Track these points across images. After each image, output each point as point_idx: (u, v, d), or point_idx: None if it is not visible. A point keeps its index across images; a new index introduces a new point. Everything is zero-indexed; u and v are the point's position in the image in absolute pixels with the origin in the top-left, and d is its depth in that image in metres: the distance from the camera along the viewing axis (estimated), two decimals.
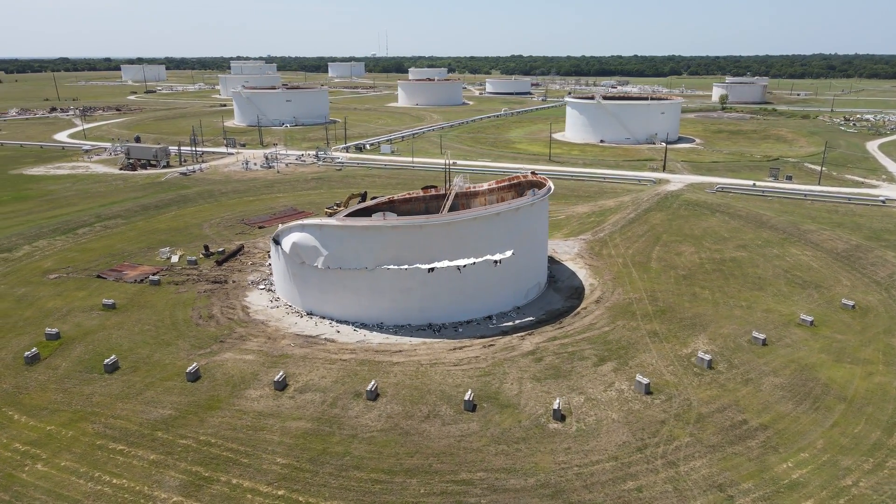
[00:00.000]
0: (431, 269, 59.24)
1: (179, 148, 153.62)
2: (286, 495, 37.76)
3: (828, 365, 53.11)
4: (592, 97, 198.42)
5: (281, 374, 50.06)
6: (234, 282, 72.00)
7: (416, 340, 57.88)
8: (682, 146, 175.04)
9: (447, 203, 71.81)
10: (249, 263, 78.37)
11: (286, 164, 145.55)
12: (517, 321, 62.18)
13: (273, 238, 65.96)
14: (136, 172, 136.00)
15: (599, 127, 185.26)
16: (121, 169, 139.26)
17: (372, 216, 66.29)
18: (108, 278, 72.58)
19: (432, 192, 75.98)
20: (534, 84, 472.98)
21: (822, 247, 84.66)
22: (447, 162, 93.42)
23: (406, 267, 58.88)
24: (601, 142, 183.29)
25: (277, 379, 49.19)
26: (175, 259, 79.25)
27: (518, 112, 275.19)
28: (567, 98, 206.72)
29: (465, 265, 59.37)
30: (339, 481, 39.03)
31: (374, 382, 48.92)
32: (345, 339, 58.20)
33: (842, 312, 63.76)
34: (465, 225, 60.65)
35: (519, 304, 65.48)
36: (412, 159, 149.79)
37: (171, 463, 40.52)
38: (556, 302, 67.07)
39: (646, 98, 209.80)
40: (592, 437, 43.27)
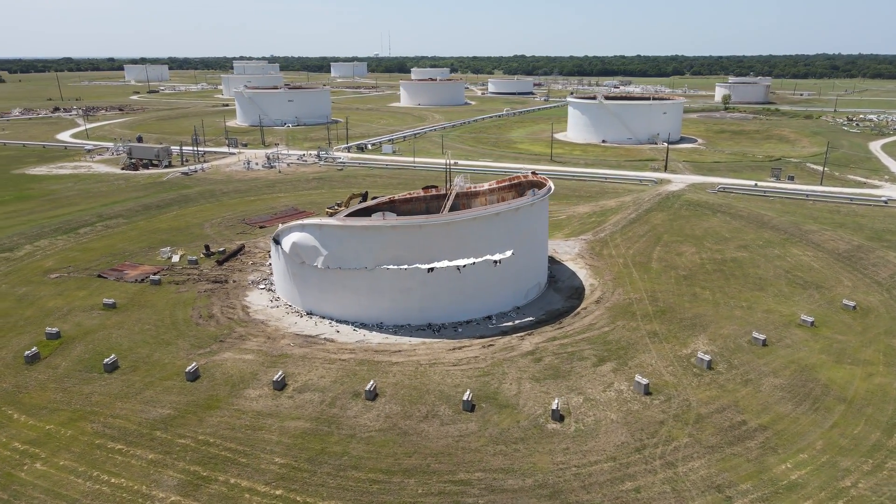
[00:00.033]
0: (431, 269, 59.23)
1: (181, 148, 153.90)
2: (284, 495, 37.78)
3: (828, 366, 52.96)
4: (594, 97, 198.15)
5: (280, 373, 50.09)
6: (234, 281, 72.09)
7: (416, 340, 57.87)
8: (684, 146, 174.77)
9: (448, 203, 71.79)
10: (250, 263, 78.45)
11: (288, 164, 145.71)
12: (517, 321, 62.12)
13: (273, 238, 66.03)
14: (137, 172, 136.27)
15: (601, 127, 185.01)
16: (123, 169, 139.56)
17: (371, 216, 66.26)
18: (108, 278, 72.72)
19: (433, 192, 75.96)
20: (536, 84, 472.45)
21: (824, 247, 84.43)
22: (448, 162, 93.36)
23: (406, 267, 58.87)
24: (603, 142, 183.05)
25: (276, 379, 49.22)
26: (176, 259, 79.37)
27: (520, 112, 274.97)
28: (569, 98, 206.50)
29: (464, 265, 59.35)
30: (336, 481, 39.04)
31: (372, 382, 48.93)
32: (344, 338, 58.22)
33: (843, 313, 63.58)
34: (465, 225, 60.62)
35: (519, 305, 65.41)
36: (413, 159, 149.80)
37: (170, 462, 40.57)
38: (556, 302, 67.00)
39: (648, 98, 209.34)
40: (591, 438, 43.21)
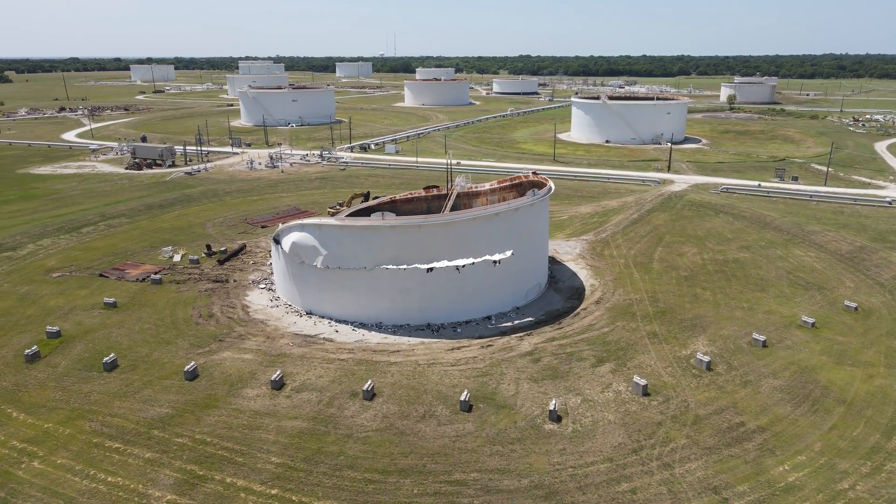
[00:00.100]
0: (430, 270, 59.21)
1: (185, 147, 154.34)
2: (279, 494, 37.82)
3: (828, 367, 52.67)
4: (598, 97, 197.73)
5: (278, 373, 50.16)
6: (235, 281, 72.24)
7: (415, 340, 57.85)
8: (687, 146, 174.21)
9: (448, 203, 71.73)
10: (251, 263, 78.60)
11: (290, 164, 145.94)
12: (516, 322, 62.01)
13: (273, 237, 66.15)
14: (141, 172, 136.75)
15: (605, 127, 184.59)
16: (126, 168, 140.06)
17: (371, 216, 66.27)
18: (110, 277, 72.99)
19: (434, 192, 75.90)
20: (541, 84, 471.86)
21: (827, 248, 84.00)
22: (449, 162, 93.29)
23: (405, 267, 58.87)
24: (606, 142, 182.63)
25: (275, 378, 49.29)
26: (177, 258, 79.59)
27: (524, 112, 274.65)
28: (573, 98, 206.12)
29: (463, 265, 59.31)
30: (332, 481, 39.05)
31: (370, 382, 48.93)
32: (343, 338, 58.25)
33: (844, 314, 63.24)
34: (464, 225, 60.56)
35: (518, 305, 65.30)
36: (416, 159, 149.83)
37: (166, 461, 40.66)
38: (556, 302, 66.86)
39: (652, 98, 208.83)
40: (588, 439, 43.09)
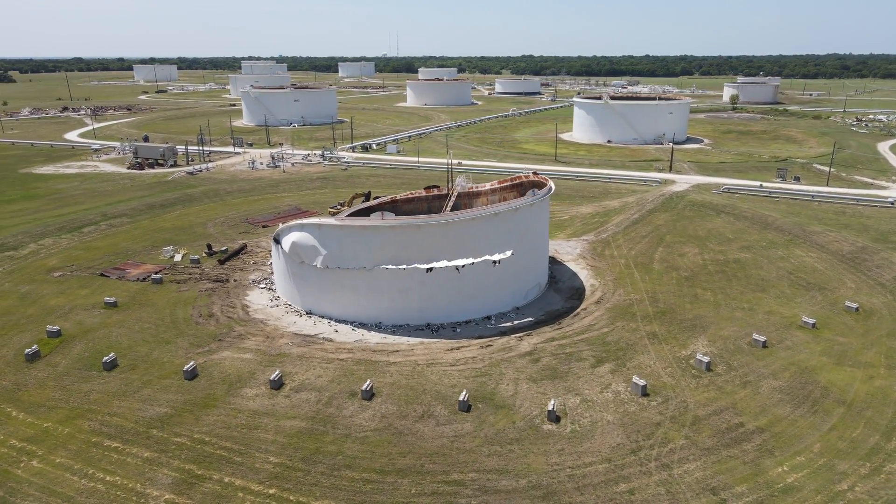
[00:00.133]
0: (430, 270, 59.20)
1: (187, 147, 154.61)
2: (277, 494, 37.84)
3: (828, 368, 52.53)
4: (600, 97, 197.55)
5: (277, 372, 50.19)
6: (235, 281, 72.33)
7: (414, 340, 57.84)
8: (689, 146, 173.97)
9: (449, 203, 71.72)
10: (251, 262, 78.69)
11: (292, 164, 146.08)
12: (516, 322, 61.97)
13: (273, 237, 66.21)
14: (143, 172, 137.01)
15: (607, 127, 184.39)
16: (128, 168, 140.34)
17: (370, 216, 66.31)
18: (111, 276, 73.13)
19: (435, 192, 75.89)
20: (543, 84, 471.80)
21: (828, 248, 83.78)
22: (449, 161, 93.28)
23: (404, 267, 58.87)
24: (608, 142, 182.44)
25: (274, 378, 49.33)
26: (178, 258, 79.71)
27: (526, 112, 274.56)
28: (575, 98, 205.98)
29: (463, 265, 59.29)
30: (330, 480, 39.07)
31: (369, 382, 48.94)
32: (342, 338, 58.27)
33: (845, 315, 63.07)
34: (464, 225, 60.53)
35: (518, 305, 65.25)
36: (418, 159, 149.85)
37: (165, 461, 40.72)
38: (556, 303, 66.80)
39: (654, 98, 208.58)
40: (586, 439, 43.04)
